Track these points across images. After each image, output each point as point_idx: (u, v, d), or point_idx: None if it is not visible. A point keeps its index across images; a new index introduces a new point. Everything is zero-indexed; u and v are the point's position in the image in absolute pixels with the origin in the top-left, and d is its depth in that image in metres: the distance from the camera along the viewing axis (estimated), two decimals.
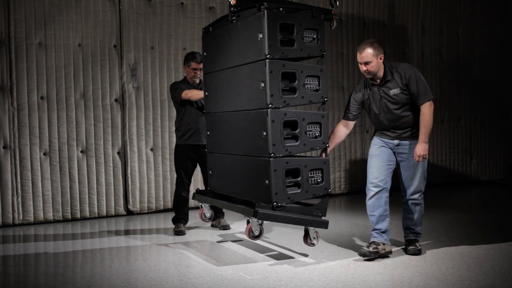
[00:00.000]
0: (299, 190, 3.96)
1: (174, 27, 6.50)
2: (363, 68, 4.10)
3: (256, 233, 4.01)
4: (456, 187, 8.13)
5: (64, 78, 6.00)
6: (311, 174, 4.01)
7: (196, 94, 5.04)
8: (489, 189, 8.03)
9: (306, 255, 4.28)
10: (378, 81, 4.14)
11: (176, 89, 5.22)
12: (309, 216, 4.04)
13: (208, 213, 4.74)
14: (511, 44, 8.83)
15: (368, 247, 4.07)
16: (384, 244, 4.09)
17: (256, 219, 3.87)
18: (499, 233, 4.97)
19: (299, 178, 3.95)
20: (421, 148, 4.03)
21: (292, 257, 4.25)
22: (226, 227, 5.29)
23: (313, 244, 4.18)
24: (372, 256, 4.03)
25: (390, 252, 4.13)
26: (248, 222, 4.00)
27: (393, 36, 7.91)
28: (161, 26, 6.43)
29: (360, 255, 4.06)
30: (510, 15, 8.82)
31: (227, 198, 4.44)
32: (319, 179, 4.04)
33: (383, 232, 4.12)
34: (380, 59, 4.08)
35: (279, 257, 4.26)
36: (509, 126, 8.93)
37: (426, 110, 4.03)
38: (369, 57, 4.04)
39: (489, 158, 8.74)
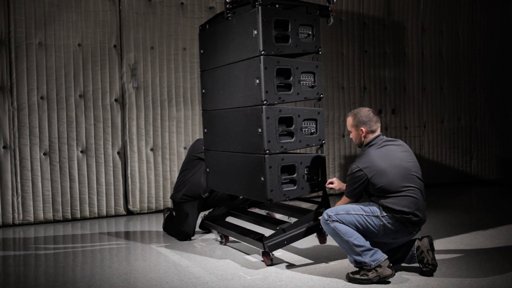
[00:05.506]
0: (295, 187, 3.96)
1: (174, 27, 6.50)
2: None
3: (272, 256, 4.05)
4: (456, 187, 8.12)
5: (64, 78, 6.00)
6: (307, 171, 4.01)
7: None
8: (489, 189, 8.03)
9: (306, 255, 4.27)
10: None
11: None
12: (316, 221, 4.06)
13: (222, 238, 4.82)
14: (511, 44, 8.83)
15: None
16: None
17: (268, 251, 3.94)
18: (499, 233, 4.97)
19: (294, 175, 3.95)
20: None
21: (292, 257, 4.24)
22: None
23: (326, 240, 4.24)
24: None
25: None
26: (262, 253, 4.05)
27: (393, 36, 7.91)
28: (161, 26, 6.43)
29: None
30: (510, 15, 8.82)
31: (235, 226, 4.60)
32: (315, 176, 4.04)
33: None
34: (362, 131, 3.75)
35: (279, 257, 4.26)
36: (509, 126, 8.93)
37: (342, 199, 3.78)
38: (348, 126, 3.84)
39: (489, 158, 8.74)
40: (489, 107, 8.72)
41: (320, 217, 3.92)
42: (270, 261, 4.01)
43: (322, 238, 4.21)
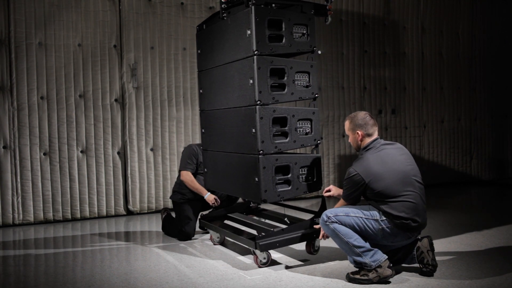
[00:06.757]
0: (289, 188, 3.95)
1: (174, 27, 6.50)
2: None
3: (264, 260, 4.00)
4: (456, 187, 8.12)
5: (64, 78, 6.00)
6: (302, 171, 3.99)
7: (196, 188, 4.87)
8: (489, 189, 8.03)
9: (306, 256, 4.27)
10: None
11: (185, 158, 4.98)
12: (311, 229, 4.05)
13: (218, 238, 4.80)
14: (511, 44, 8.83)
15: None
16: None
17: (259, 251, 3.91)
18: (499, 233, 4.97)
19: (289, 175, 3.94)
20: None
21: (292, 257, 4.24)
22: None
23: (316, 252, 4.19)
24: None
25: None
26: (254, 252, 4.02)
27: (393, 36, 7.91)
28: (161, 26, 6.43)
29: None
30: (510, 15, 8.82)
31: (232, 222, 4.58)
32: (311, 176, 4.03)
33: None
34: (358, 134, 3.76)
35: (279, 257, 4.26)
36: (509, 126, 8.93)
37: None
38: (346, 130, 3.86)
39: (489, 158, 8.74)
40: (489, 107, 8.72)
41: (315, 226, 3.95)
42: (259, 262, 3.97)
43: (309, 248, 4.20)
